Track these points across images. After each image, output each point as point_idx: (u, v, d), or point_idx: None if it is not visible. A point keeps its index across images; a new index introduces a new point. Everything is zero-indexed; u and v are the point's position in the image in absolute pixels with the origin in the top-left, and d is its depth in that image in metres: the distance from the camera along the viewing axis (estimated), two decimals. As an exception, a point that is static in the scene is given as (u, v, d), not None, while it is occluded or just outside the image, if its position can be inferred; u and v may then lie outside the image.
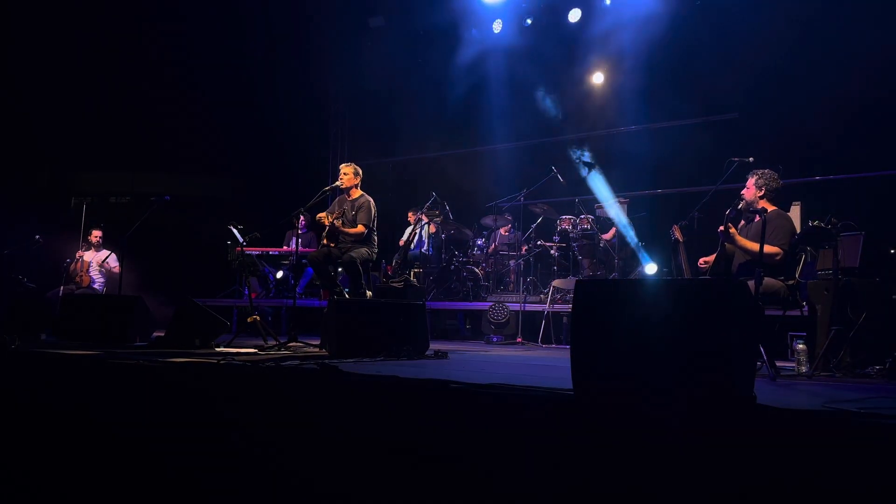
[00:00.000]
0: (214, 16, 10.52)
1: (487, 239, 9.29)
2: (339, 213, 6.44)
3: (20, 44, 9.96)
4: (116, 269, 8.54)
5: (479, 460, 2.57)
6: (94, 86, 10.98)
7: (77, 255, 8.85)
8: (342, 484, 2.83)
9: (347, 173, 6.48)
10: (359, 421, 2.94)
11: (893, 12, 7.48)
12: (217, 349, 4.97)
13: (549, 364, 4.69)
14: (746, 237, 4.58)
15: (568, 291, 7.66)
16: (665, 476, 2.21)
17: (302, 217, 8.10)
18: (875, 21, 7.56)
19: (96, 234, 8.93)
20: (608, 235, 8.34)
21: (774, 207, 4.65)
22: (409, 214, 9.36)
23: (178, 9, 10.43)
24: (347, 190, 6.49)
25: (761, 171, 4.70)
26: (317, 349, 4.98)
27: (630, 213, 8.63)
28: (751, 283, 4.04)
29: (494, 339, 7.35)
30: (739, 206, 4.67)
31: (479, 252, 9.15)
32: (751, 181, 4.69)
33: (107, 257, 8.70)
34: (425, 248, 9.20)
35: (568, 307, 7.21)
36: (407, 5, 10.82)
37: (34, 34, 10.05)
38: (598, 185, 8.52)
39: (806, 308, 4.67)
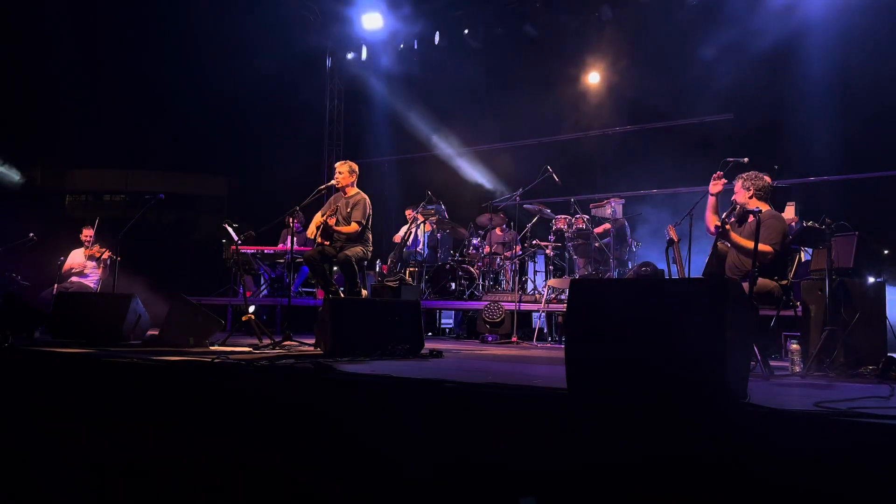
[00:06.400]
0: (209, 17, 10.52)
1: (483, 238, 9.28)
2: (333, 210, 6.41)
3: (16, 42, 9.93)
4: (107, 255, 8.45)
5: (475, 458, 2.57)
6: (88, 84, 10.96)
7: (72, 254, 8.75)
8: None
9: (342, 172, 6.45)
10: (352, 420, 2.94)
11: (885, 19, 7.53)
12: (211, 348, 4.96)
13: (544, 363, 4.69)
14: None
15: (563, 291, 7.67)
16: (657, 475, 2.22)
17: (297, 216, 8.07)
18: (870, 26, 7.60)
19: (87, 233, 8.63)
20: (599, 230, 8.36)
21: (768, 207, 4.67)
22: (407, 211, 9.34)
23: (176, 9, 10.42)
24: (343, 188, 6.46)
25: (746, 173, 4.72)
26: (311, 348, 4.97)
27: (625, 213, 8.65)
28: (745, 284, 4.07)
29: (489, 339, 7.35)
30: (735, 211, 4.68)
31: (474, 251, 9.15)
32: (738, 185, 4.72)
33: (101, 255, 8.58)
34: (420, 247, 9.19)
35: (563, 306, 7.21)
36: (403, 3, 10.82)
37: (30, 33, 10.03)
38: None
39: (800, 308, 4.68)
